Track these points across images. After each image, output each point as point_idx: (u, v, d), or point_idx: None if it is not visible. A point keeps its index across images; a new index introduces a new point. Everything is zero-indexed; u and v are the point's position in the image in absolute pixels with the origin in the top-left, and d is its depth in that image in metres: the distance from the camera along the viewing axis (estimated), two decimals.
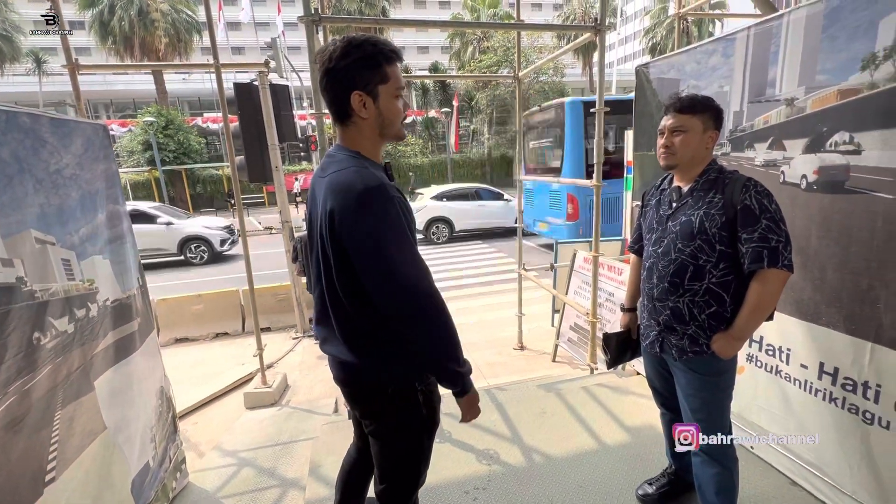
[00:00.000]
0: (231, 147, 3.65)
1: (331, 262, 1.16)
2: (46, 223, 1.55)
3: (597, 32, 2.92)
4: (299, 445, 2.92)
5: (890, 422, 1.63)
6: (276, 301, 5.81)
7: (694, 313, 1.55)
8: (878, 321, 1.63)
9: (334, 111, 1.20)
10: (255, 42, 25.66)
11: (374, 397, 1.29)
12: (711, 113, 1.53)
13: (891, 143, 1.55)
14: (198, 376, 4.47)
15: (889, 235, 1.58)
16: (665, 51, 25.44)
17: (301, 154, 24.82)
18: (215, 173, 23.62)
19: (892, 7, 1.51)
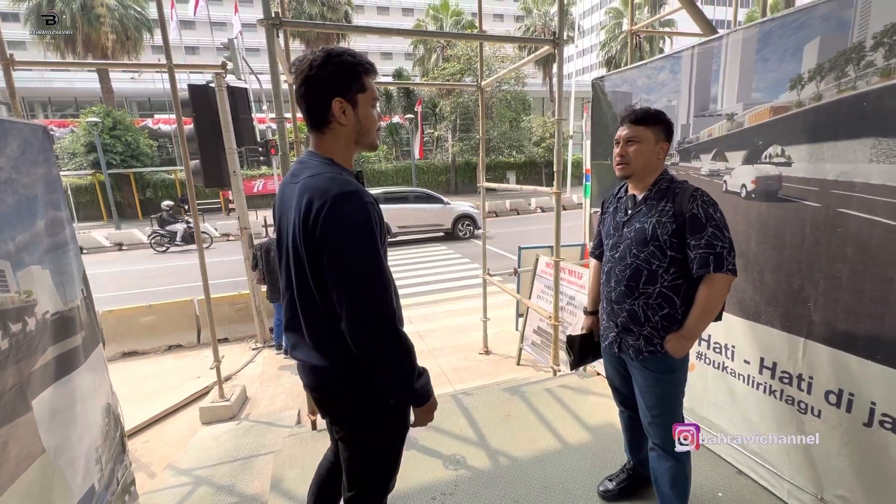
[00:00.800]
0: (185, 150, 3.50)
1: (305, 265, 1.16)
2: None
3: (555, 45, 3.03)
4: (260, 460, 2.82)
5: (821, 411, 1.77)
6: (233, 311, 5.60)
7: (648, 315, 1.63)
8: (810, 318, 1.78)
9: (312, 118, 1.22)
10: (211, 42, 24.72)
11: (345, 403, 1.28)
12: (663, 125, 1.62)
13: (816, 156, 1.71)
14: (149, 392, 4.23)
15: (816, 240, 1.73)
16: (620, 64, 26.67)
17: (260, 159, 24.09)
18: (167, 177, 22.49)
19: (814, 34, 1.67)
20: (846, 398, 1.68)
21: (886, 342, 1.54)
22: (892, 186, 1.48)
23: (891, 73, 1.46)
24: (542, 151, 26.44)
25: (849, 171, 1.60)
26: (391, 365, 1.17)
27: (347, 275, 1.11)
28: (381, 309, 1.13)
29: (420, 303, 6.90)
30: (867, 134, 1.54)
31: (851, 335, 1.64)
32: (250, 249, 4.99)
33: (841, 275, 1.66)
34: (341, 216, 1.09)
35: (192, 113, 4.44)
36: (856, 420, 1.66)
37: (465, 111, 24.24)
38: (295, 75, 1.20)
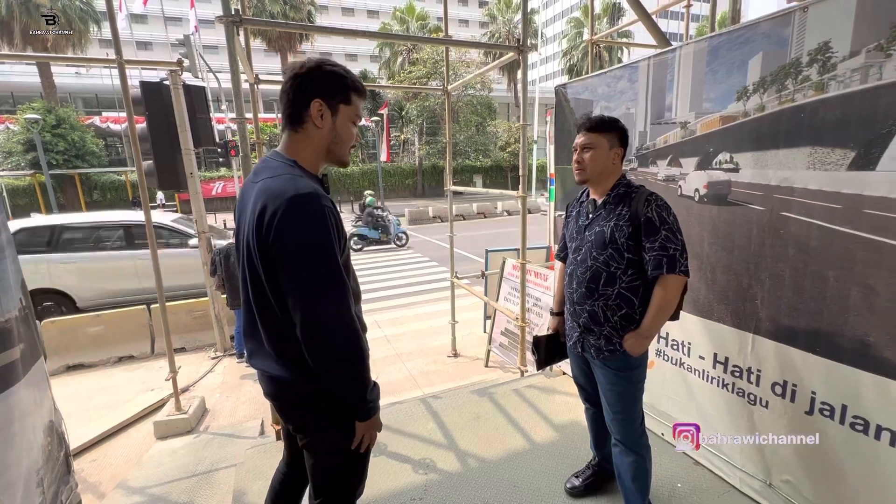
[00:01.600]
0: (137, 150, 3.32)
1: (259, 269, 1.13)
2: None
3: (520, 52, 3.10)
4: (221, 474, 2.70)
5: (769, 402, 1.89)
6: (191, 318, 5.34)
7: (608, 315, 1.69)
8: (757, 315, 1.90)
9: (288, 114, 1.20)
10: (165, 38, 23.59)
11: (307, 410, 1.25)
12: (616, 132, 1.69)
13: (760, 163, 1.82)
14: (98, 407, 3.96)
15: (762, 241, 1.85)
16: (581, 72, 27.57)
17: (219, 160, 23.20)
18: (117, 178, 21.25)
19: (757, 49, 1.79)
20: (790, 389, 1.80)
21: (824, 336, 1.66)
22: (827, 192, 1.61)
23: (824, 87, 1.59)
24: (508, 156, 26.90)
25: (789, 177, 1.73)
26: (345, 372, 1.15)
27: (302, 280, 1.08)
28: (338, 315, 1.11)
29: (388, 307, 6.84)
30: (805, 143, 1.66)
31: (793, 330, 1.77)
32: (209, 254, 4.79)
33: (783, 274, 1.78)
34: (296, 219, 1.06)
35: (145, 111, 4.22)
36: (799, 409, 1.78)
37: (431, 115, 24.31)
38: (286, 74, 1.19)
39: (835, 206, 1.59)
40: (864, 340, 1.54)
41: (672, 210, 1.62)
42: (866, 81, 1.47)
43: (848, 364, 1.60)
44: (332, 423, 1.25)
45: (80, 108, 24.53)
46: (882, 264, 1.47)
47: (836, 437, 1.65)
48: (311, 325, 1.09)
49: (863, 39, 1.46)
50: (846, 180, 1.55)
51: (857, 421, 1.59)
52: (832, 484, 1.69)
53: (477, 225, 16.39)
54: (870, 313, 1.52)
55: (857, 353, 1.57)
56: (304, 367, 1.17)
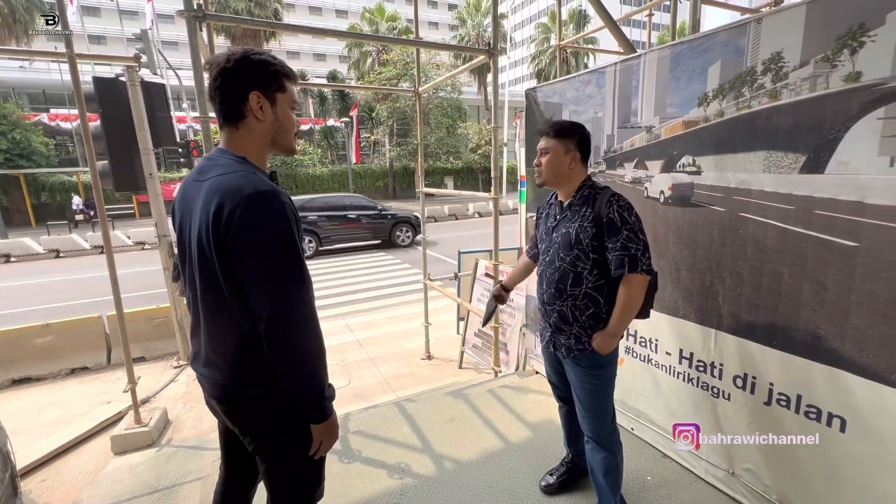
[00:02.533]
0: (91, 150, 3.14)
1: (215, 268, 1.09)
2: None
3: (490, 55, 3.13)
4: (186, 489, 2.58)
5: (731, 394, 1.98)
6: (151, 326, 5.09)
7: (576, 315, 1.73)
8: (719, 311, 1.98)
9: (225, 111, 1.16)
10: (121, 32, 22.46)
11: (256, 412, 1.20)
12: (574, 137, 1.73)
13: (721, 166, 1.91)
14: (48, 423, 3.71)
15: (723, 241, 1.93)
16: (549, 77, 28.15)
17: (181, 160, 22.25)
18: (68, 180, 20.03)
19: (716, 58, 1.88)
20: (750, 381, 1.89)
21: (780, 330, 1.75)
22: (781, 193, 1.70)
23: (777, 95, 1.68)
24: (479, 158, 27.12)
25: (747, 180, 1.82)
26: (307, 369, 1.13)
27: (268, 277, 1.07)
28: (305, 310, 1.11)
29: (361, 310, 6.74)
30: (760, 147, 1.75)
31: (752, 325, 1.86)
32: (170, 259, 4.58)
33: (743, 271, 1.87)
34: (258, 216, 1.04)
35: (99, 109, 3.99)
36: (758, 400, 1.87)
37: (402, 116, 24.21)
38: (211, 69, 1.15)
39: (788, 207, 1.68)
40: (815, 333, 1.64)
41: (634, 210, 1.66)
42: (815, 90, 1.57)
43: (801, 356, 1.69)
44: (285, 426, 1.21)
45: (24, 103, 22.96)
46: (830, 261, 1.57)
47: (792, 426, 1.75)
48: (278, 320, 1.08)
49: (811, 51, 1.56)
50: (798, 183, 1.65)
51: (811, 409, 1.69)
52: (789, 470, 1.79)
53: (449, 227, 16.43)
54: (820, 307, 1.61)
55: (810, 345, 1.66)
56: (251, 371, 1.16)
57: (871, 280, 1.47)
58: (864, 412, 1.54)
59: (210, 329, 1.18)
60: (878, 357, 1.48)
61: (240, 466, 1.42)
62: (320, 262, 10.35)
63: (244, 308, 1.10)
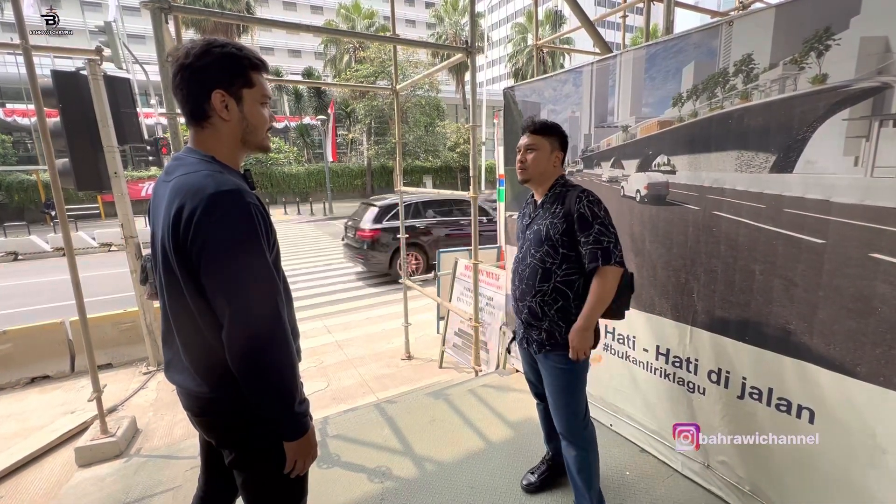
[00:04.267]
0: (49, 148, 2.97)
1: (176, 273, 1.03)
2: None
3: (468, 53, 3.12)
4: (156, 500, 2.48)
5: (705, 388, 2.02)
6: (118, 331, 4.88)
7: (545, 310, 1.74)
8: (694, 308, 2.02)
9: (188, 111, 1.09)
10: (83, 24, 21.47)
11: (231, 425, 1.14)
12: (558, 136, 1.78)
13: (695, 165, 1.95)
14: (5, 435, 3.51)
15: (697, 238, 1.97)
16: (527, 76, 28.39)
17: (149, 158, 21.46)
18: (27, 178, 19.06)
19: (690, 59, 1.91)
20: (724, 375, 1.94)
21: (752, 325, 1.80)
22: (753, 192, 1.74)
23: (748, 96, 1.72)
24: (457, 157, 27.15)
25: (720, 179, 1.85)
26: (274, 383, 1.05)
27: (229, 281, 1.00)
28: (270, 320, 1.03)
29: (339, 311, 6.64)
30: (732, 147, 1.79)
31: (726, 321, 1.90)
32: (138, 261, 4.40)
33: (716, 269, 1.91)
34: (219, 217, 0.97)
35: (58, 104, 3.79)
36: (731, 394, 1.91)
37: (379, 114, 23.98)
38: (171, 63, 1.07)
39: (759, 205, 1.73)
40: (785, 328, 1.69)
41: (603, 205, 1.69)
42: (784, 91, 1.61)
43: (772, 350, 1.74)
44: (260, 441, 1.14)
45: None
46: (799, 258, 1.62)
47: (764, 418, 1.80)
48: (239, 330, 1.00)
49: (780, 53, 1.60)
50: (768, 182, 1.69)
51: (782, 402, 1.74)
52: (761, 462, 1.84)
53: None
54: (790, 303, 1.66)
55: (780, 339, 1.71)
56: (226, 381, 1.08)
57: (837, 276, 1.52)
58: (830, 404, 1.60)
59: (178, 337, 1.11)
60: (844, 350, 1.54)
61: (219, 477, 1.36)
62: (293, 263, 10.15)
63: (208, 315, 1.04)
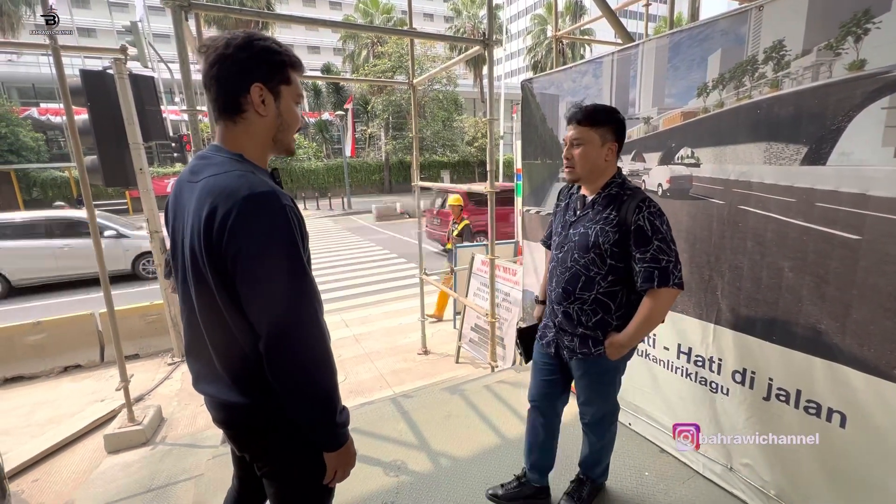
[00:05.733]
0: (78, 145, 3.07)
1: (208, 279, 0.98)
2: None
3: (485, 46, 3.07)
4: (180, 488, 2.55)
5: (729, 389, 1.96)
6: (145, 323, 5.04)
7: (581, 319, 1.63)
8: (718, 306, 1.96)
9: (222, 103, 1.04)
10: (111, 25, 22.10)
11: (265, 439, 1.11)
12: (612, 125, 1.55)
13: (720, 158, 1.87)
14: (40, 422, 3.67)
15: (722, 234, 1.90)
16: (545, 68, 27.96)
17: (174, 155, 22.00)
18: (59, 175, 19.79)
19: (716, 46, 1.83)
20: (749, 376, 1.87)
21: (780, 324, 1.73)
22: (782, 185, 1.66)
23: (779, 84, 1.64)
24: (475, 151, 26.99)
25: (747, 172, 1.78)
26: (316, 391, 1.01)
27: (267, 290, 0.95)
28: (308, 326, 0.99)
29: (356, 305, 6.71)
30: (761, 138, 1.71)
31: (752, 319, 1.83)
32: (163, 255, 4.52)
33: (742, 265, 1.84)
34: (255, 222, 0.93)
35: (87, 102, 3.91)
36: (757, 395, 1.85)
37: (397, 109, 24.01)
38: (206, 54, 1.02)
39: (789, 199, 1.65)
40: (816, 328, 1.62)
41: (665, 217, 1.52)
42: (817, 79, 1.53)
43: (801, 351, 1.67)
44: (297, 454, 1.11)
45: (14, 98, 22.62)
46: (832, 255, 1.54)
47: (792, 421, 1.73)
48: (279, 338, 0.96)
49: (814, 38, 1.52)
50: (799, 175, 1.61)
51: (811, 404, 1.67)
52: (788, 466, 1.77)
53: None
54: (821, 302, 1.59)
55: (810, 339, 1.64)
56: (264, 391, 1.04)
57: (874, 274, 1.44)
58: (864, 407, 1.52)
59: (212, 346, 1.06)
60: (880, 352, 1.46)
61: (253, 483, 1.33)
62: (313, 258, 10.29)
63: (243, 323, 1.00)
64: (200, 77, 1.10)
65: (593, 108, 1.56)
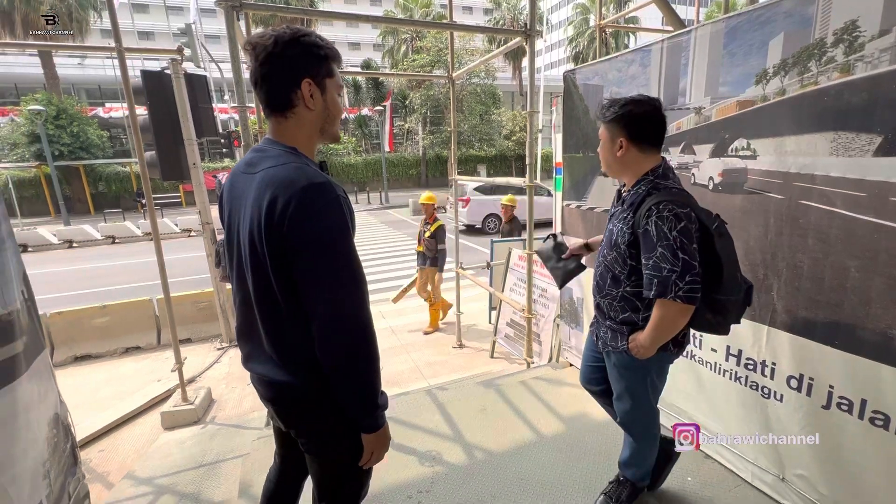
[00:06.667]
0: (139, 141, 3.29)
1: (266, 266, 1.04)
2: None
3: (526, 37, 3.02)
4: (227, 465, 2.70)
5: (783, 395, 1.85)
6: (196, 310, 5.36)
7: (610, 314, 1.64)
8: (773, 307, 1.84)
9: (274, 100, 1.10)
10: (167, 28, 23.40)
11: (311, 416, 1.18)
12: (618, 120, 1.48)
13: (780, 149, 1.76)
14: (105, 397, 3.99)
15: (779, 230, 1.79)
16: (587, 59, 27.12)
17: (223, 150, 23.10)
18: (122, 170, 21.27)
19: (779, 30, 1.71)
20: (806, 382, 1.75)
21: (844, 328, 1.60)
22: (851, 178, 1.54)
23: (850, 68, 1.51)
24: (513, 145, 26.64)
25: (810, 164, 1.66)
26: (362, 374, 1.08)
27: (321, 275, 1.01)
28: (359, 311, 1.05)
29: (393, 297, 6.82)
30: (827, 128, 1.59)
31: (811, 322, 1.71)
32: (213, 246, 4.78)
33: (802, 264, 1.72)
34: (312, 210, 0.99)
35: (147, 101, 4.17)
36: (815, 403, 1.73)
37: (435, 104, 24.05)
38: (255, 52, 1.06)
39: (858, 193, 1.52)
40: (886, 333, 1.49)
41: (683, 223, 1.37)
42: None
43: (868, 357, 1.55)
44: (338, 433, 1.17)
45: (83, 99, 24.45)
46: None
47: (855, 433, 1.61)
48: (332, 321, 1.03)
49: (893, 18, 1.39)
50: (871, 167, 1.48)
51: (878, 416, 1.55)
52: (849, 480, 1.65)
53: None
54: (893, 305, 1.46)
55: (878, 346, 1.51)
56: (310, 371, 1.10)
57: None
58: None
59: (264, 327, 1.12)
60: None
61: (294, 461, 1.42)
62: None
63: (296, 307, 1.06)
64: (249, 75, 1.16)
65: (609, 102, 1.52)
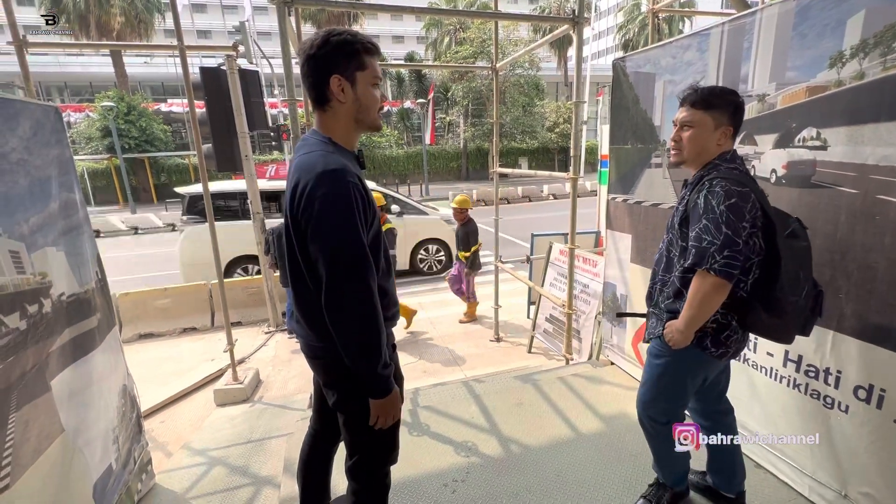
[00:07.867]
0: (198, 134, 3.48)
1: (293, 240, 1.21)
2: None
3: (574, 25, 2.92)
4: (273, 442, 2.85)
5: (849, 406, 1.71)
6: (246, 295, 5.65)
7: (658, 301, 1.62)
8: (840, 310, 1.70)
9: (313, 96, 1.24)
10: (223, 26, 24.60)
11: (332, 367, 1.31)
12: (728, 108, 1.46)
13: (855, 139, 1.61)
14: (165, 373, 4.30)
15: (851, 228, 1.64)
16: (637, 47, 25.89)
17: (272, 143, 24.10)
18: (181, 162, 22.70)
19: (859, 6, 1.56)
20: (877, 393, 1.61)
21: None
22: None
23: None
24: (556, 137, 26.00)
25: (890, 156, 1.51)
26: (357, 346, 1.18)
27: (325, 246, 1.13)
28: (357, 283, 1.15)
29: (432, 289, 6.89)
30: None
31: (885, 329, 1.57)
32: (262, 234, 5.00)
33: (876, 265, 1.57)
34: (320, 192, 1.11)
35: (204, 96, 4.41)
36: (886, 416, 1.59)
37: (477, 96, 23.85)
38: (300, 55, 1.22)
39: None
40: None
41: (734, 200, 1.34)
42: None
43: None
44: (356, 390, 1.28)
45: (148, 95, 26.22)
46: None
47: None
48: (330, 294, 1.15)
49: None
50: None
51: None
52: None
53: (522, 208, 16.08)
54: None
55: None
56: (329, 333, 1.22)
57: None
58: None
59: (294, 292, 1.30)
60: None
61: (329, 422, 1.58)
62: None
63: (314, 276, 1.20)
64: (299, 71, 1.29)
65: (709, 90, 1.48)
